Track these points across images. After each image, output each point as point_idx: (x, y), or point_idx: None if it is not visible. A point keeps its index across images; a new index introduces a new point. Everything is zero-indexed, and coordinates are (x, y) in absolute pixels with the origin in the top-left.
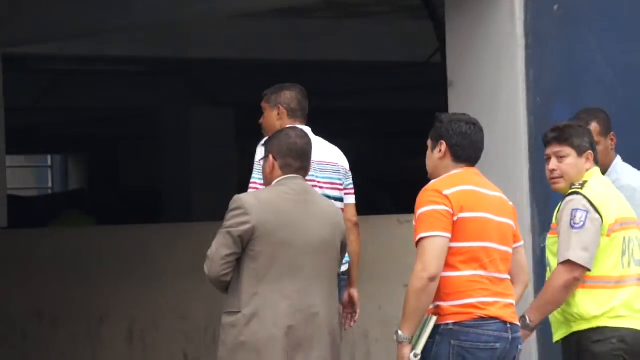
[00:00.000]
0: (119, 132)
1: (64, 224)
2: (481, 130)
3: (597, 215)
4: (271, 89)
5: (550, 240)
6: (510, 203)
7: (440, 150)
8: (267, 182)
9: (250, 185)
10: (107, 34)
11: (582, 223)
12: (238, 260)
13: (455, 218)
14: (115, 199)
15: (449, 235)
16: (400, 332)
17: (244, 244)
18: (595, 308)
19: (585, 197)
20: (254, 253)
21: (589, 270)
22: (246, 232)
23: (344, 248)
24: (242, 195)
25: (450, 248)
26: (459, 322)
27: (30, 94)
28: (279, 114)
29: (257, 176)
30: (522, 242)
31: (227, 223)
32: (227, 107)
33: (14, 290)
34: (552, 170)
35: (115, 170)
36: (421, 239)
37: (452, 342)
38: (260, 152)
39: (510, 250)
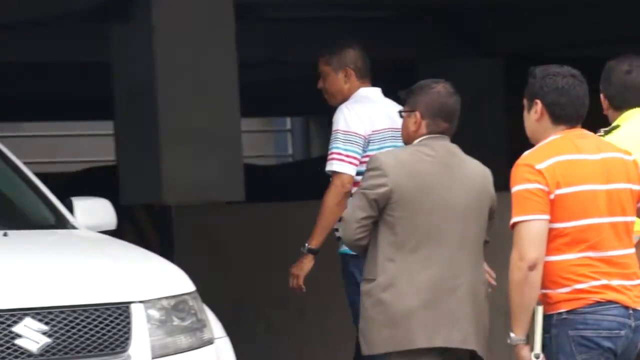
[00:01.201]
0: None
1: None
2: (582, 82)
3: None
4: (329, 49)
5: None
6: (630, 157)
7: (536, 111)
8: (408, 139)
9: (333, 156)
10: None
11: None
12: (375, 224)
13: (552, 196)
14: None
15: (546, 216)
16: (512, 335)
17: (380, 207)
18: None
19: None
20: (392, 219)
21: None
22: (382, 195)
23: (492, 215)
24: (381, 155)
25: (551, 230)
26: (573, 310)
27: (266, 47)
28: (347, 76)
29: (341, 146)
30: None
31: (363, 184)
32: (493, 58)
33: (256, 274)
34: None
35: None
36: (515, 223)
37: (570, 332)
38: (339, 119)
39: (632, 218)
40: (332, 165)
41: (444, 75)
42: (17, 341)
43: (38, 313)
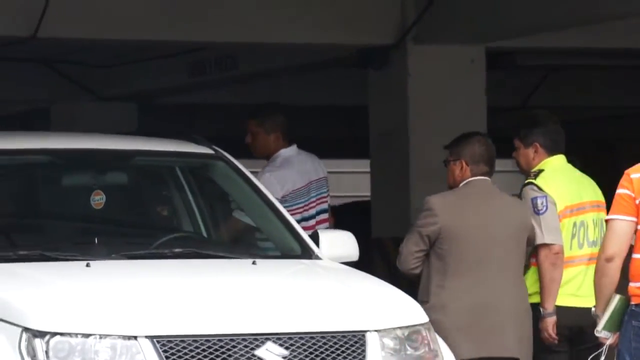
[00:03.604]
0: (615, 135)
1: None
2: None
3: (552, 199)
4: (261, 112)
5: None
6: None
7: None
8: (455, 183)
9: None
10: (603, 24)
11: (544, 208)
12: (427, 256)
13: (637, 201)
14: None
15: (630, 218)
16: (592, 308)
17: (432, 242)
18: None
19: (536, 185)
20: (442, 251)
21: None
22: (433, 232)
23: (530, 242)
24: (432, 198)
25: (637, 231)
26: (637, 304)
27: (518, 92)
28: (276, 138)
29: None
30: None
31: (417, 222)
32: None
33: None
34: None
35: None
36: (606, 221)
37: (634, 322)
38: (268, 179)
39: None
40: None
41: None
42: None
43: (279, 338)
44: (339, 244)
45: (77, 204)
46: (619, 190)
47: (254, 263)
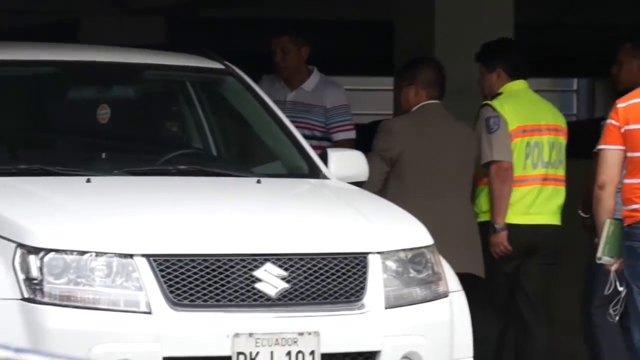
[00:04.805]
0: None
1: None
2: None
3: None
4: (294, 29)
5: None
6: None
7: None
8: (408, 106)
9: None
10: None
11: (496, 126)
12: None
13: (622, 130)
14: None
15: (616, 147)
16: (596, 239)
17: (393, 164)
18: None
19: (491, 106)
20: (400, 172)
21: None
22: (395, 154)
23: (476, 163)
24: (390, 121)
25: (627, 158)
26: (629, 225)
27: (551, 10)
28: (305, 53)
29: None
30: None
31: (378, 146)
32: None
33: None
34: None
35: None
36: (597, 151)
37: (626, 242)
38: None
39: None
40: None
41: None
42: (257, 285)
43: (279, 259)
44: (348, 163)
45: (82, 118)
46: (607, 121)
47: (258, 182)
